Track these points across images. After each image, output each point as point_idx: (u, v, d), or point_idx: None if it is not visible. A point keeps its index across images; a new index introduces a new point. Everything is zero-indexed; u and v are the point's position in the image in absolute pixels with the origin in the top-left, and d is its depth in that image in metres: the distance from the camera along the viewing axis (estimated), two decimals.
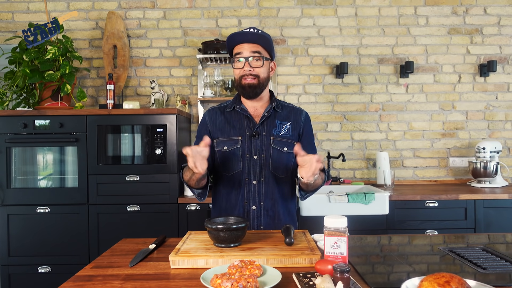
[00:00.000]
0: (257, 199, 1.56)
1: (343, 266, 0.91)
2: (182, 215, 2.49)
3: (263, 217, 1.56)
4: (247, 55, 1.51)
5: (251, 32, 1.49)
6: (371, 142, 3.12)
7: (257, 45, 1.51)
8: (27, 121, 2.47)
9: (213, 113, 1.64)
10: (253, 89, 1.52)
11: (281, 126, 1.60)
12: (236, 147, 1.56)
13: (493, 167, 2.78)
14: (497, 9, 3.10)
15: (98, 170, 2.49)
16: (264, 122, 1.59)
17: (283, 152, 1.57)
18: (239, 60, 1.52)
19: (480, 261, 1.16)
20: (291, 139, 1.59)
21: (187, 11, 3.10)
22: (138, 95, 3.11)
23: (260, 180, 1.56)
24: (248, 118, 1.59)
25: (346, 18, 3.10)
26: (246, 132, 1.57)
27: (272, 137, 1.57)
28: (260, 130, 1.58)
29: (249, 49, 1.51)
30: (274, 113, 1.61)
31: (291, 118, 1.63)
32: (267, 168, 1.56)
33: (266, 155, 1.56)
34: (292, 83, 3.11)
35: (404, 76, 3.09)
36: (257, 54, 1.51)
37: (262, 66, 1.52)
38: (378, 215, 2.44)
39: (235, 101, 1.63)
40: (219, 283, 0.91)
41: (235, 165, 1.56)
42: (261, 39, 1.50)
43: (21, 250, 2.47)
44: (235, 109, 1.61)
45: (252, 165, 1.56)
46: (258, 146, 1.56)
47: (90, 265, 1.16)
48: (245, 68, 1.51)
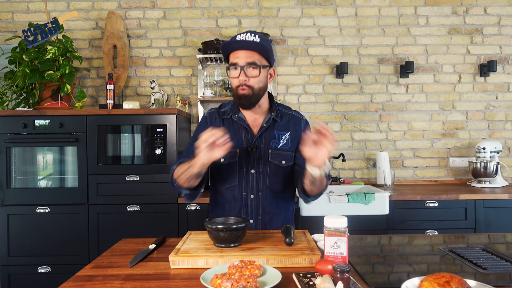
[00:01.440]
0: (255, 213, 1.54)
1: (343, 266, 0.91)
2: (182, 215, 2.49)
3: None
4: (242, 64, 1.43)
5: (247, 41, 1.42)
6: (371, 142, 3.12)
7: (253, 52, 1.44)
8: (27, 121, 2.47)
9: (214, 119, 1.59)
10: (248, 100, 1.47)
11: (279, 137, 1.55)
12: (233, 160, 1.51)
13: (493, 167, 2.78)
14: (497, 9, 3.10)
15: (98, 170, 2.48)
16: (263, 134, 1.54)
17: (281, 166, 1.53)
18: (234, 69, 1.46)
19: (480, 261, 1.16)
20: (290, 150, 1.55)
21: (187, 11, 3.10)
22: (138, 95, 3.11)
23: (258, 194, 1.53)
24: (246, 130, 1.54)
25: (346, 18, 3.10)
26: (244, 144, 1.53)
27: (270, 150, 1.53)
28: (257, 142, 1.53)
29: (245, 58, 1.43)
30: (273, 123, 1.56)
31: (291, 128, 1.58)
32: (264, 182, 1.53)
33: (264, 169, 1.52)
34: (292, 83, 3.11)
35: (404, 76, 3.09)
36: (253, 63, 1.43)
37: (259, 75, 1.45)
38: (378, 215, 2.43)
39: (233, 108, 1.57)
40: (219, 283, 0.91)
41: (231, 178, 1.53)
42: (258, 46, 1.43)
43: (21, 250, 2.47)
44: (233, 118, 1.55)
45: (249, 179, 1.52)
46: (255, 160, 1.52)
47: (90, 265, 1.16)
48: (241, 77, 1.44)
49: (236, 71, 1.45)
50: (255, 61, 1.44)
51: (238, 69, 1.44)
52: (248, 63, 1.43)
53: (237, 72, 1.45)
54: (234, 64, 1.45)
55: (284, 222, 1.59)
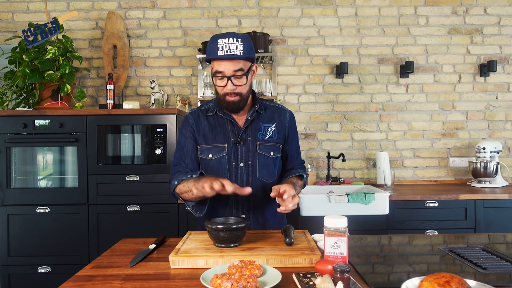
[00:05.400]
0: (246, 207, 1.54)
1: (343, 266, 0.91)
2: (182, 215, 2.49)
3: (253, 225, 1.54)
4: (229, 74, 1.40)
5: (231, 55, 1.37)
6: (371, 142, 3.12)
7: (238, 61, 1.40)
8: (27, 121, 2.47)
9: (196, 117, 1.58)
10: (238, 105, 1.47)
11: (266, 129, 1.56)
12: (222, 155, 1.52)
13: (493, 167, 2.78)
14: (497, 9, 3.10)
15: (98, 170, 2.48)
16: (249, 126, 1.54)
17: (270, 157, 1.54)
18: (220, 78, 1.43)
19: (480, 261, 1.16)
20: (277, 142, 1.56)
21: (187, 11, 3.10)
22: (138, 95, 3.11)
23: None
24: (231, 123, 1.54)
25: (346, 18, 3.10)
26: (231, 138, 1.53)
27: (258, 142, 1.53)
28: (244, 135, 1.53)
29: (231, 67, 1.40)
30: (258, 115, 1.57)
31: (276, 119, 1.58)
32: (254, 175, 1.53)
33: (253, 162, 1.52)
34: (292, 83, 3.11)
35: (404, 76, 3.09)
36: (240, 71, 1.41)
37: (246, 82, 1.44)
38: (378, 215, 2.43)
39: (217, 104, 1.56)
40: (219, 283, 0.91)
41: (221, 173, 1.52)
42: (243, 56, 1.39)
43: (21, 250, 2.47)
44: (218, 114, 1.55)
45: (239, 173, 1.52)
46: (243, 153, 1.52)
47: (90, 265, 1.16)
48: (228, 86, 1.42)
49: (222, 81, 1.43)
50: (241, 68, 1.41)
51: (225, 79, 1.42)
52: (235, 70, 1.40)
53: (223, 82, 1.43)
54: (220, 72, 1.42)
55: (275, 215, 1.60)
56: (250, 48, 1.42)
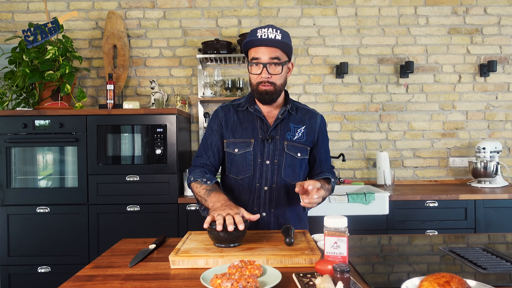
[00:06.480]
0: (268, 205, 1.52)
1: (343, 266, 0.91)
2: (182, 215, 2.49)
3: (273, 224, 1.53)
4: (265, 61, 1.41)
5: (270, 39, 1.39)
6: (371, 142, 3.12)
7: (276, 49, 1.41)
8: (27, 121, 2.47)
9: (227, 111, 1.57)
10: (270, 96, 1.45)
11: (295, 130, 1.54)
12: (247, 150, 1.51)
13: (493, 167, 2.78)
14: (497, 9, 3.10)
15: (98, 170, 2.48)
16: (278, 125, 1.53)
17: (296, 158, 1.53)
18: (256, 65, 1.43)
19: (480, 261, 1.16)
20: (305, 144, 1.55)
21: (187, 11, 3.10)
22: (138, 95, 3.11)
23: (272, 186, 1.51)
24: (261, 120, 1.53)
25: (346, 18, 3.10)
26: (259, 134, 1.52)
27: (286, 141, 1.52)
28: (273, 133, 1.52)
29: (268, 54, 1.40)
30: (288, 115, 1.56)
31: (306, 121, 1.57)
32: (279, 174, 1.51)
33: (279, 160, 1.51)
34: (292, 83, 3.11)
35: (404, 76, 3.09)
36: (276, 59, 1.41)
37: (281, 72, 1.43)
38: (378, 215, 2.43)
39: (248, 100, 1.56)
40: (219, 283, 0.91)
41: (246, 169, 1.51)
42: (280, 44, 1.40)
43: (21, 250, 2.47)
44: (249, 109, 1.54)
45: (264, 170, 1.51)
46: (270, 151, 1.51)
47: (90, 265, 1.16)
48: (263, 74, 1.42)
49: (258, 68, 1.43)
50: (277, 57, 1.41)
51: (260, 66, 1.42)
52: (271, 57, 1.41)
53: (259, 69, 1.43)
54: (256, 58, 1.42)
55: (297, 216, 1.58)
56: (288, 39, 1.44)
